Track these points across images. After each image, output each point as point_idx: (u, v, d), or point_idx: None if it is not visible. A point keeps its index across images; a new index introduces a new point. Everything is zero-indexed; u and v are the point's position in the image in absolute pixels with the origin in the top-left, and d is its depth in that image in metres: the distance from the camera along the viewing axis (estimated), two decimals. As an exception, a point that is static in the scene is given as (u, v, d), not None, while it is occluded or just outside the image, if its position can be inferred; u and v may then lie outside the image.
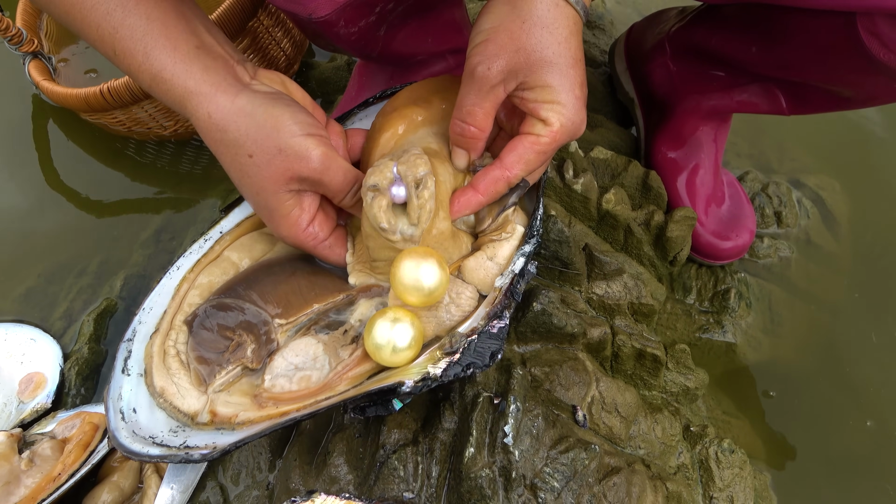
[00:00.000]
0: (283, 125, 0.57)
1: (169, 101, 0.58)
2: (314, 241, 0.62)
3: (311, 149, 0.57)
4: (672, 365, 0.83)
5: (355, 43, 0.74)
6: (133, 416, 0.58)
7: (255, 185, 0.59)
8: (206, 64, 0.57)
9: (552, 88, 0.55)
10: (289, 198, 0.60)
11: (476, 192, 0.60)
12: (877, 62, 0.66)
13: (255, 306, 0.64)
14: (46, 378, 0.86)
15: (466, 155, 0.61)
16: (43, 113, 1.13)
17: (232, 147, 0.57)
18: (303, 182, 0.59)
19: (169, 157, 1.09)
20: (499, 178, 0.59)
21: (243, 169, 0.58)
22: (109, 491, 0.71)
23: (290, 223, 0.61)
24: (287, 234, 0.62)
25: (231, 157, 0.58)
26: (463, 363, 0.54)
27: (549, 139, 0.57)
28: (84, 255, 1.00)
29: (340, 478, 0.65)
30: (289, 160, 0.57)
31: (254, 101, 0.57)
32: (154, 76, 0.57)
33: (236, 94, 0.57)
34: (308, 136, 0.57)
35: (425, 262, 0.56)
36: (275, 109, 0.57)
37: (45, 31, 1.12)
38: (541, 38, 0.54)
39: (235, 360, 0.61)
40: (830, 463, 0.89)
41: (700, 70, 0.90)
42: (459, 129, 0.59)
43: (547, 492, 0.62)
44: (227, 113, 0.57)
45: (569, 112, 0.56)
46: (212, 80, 0.57)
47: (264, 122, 0.57)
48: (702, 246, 0.95)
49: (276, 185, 0.58)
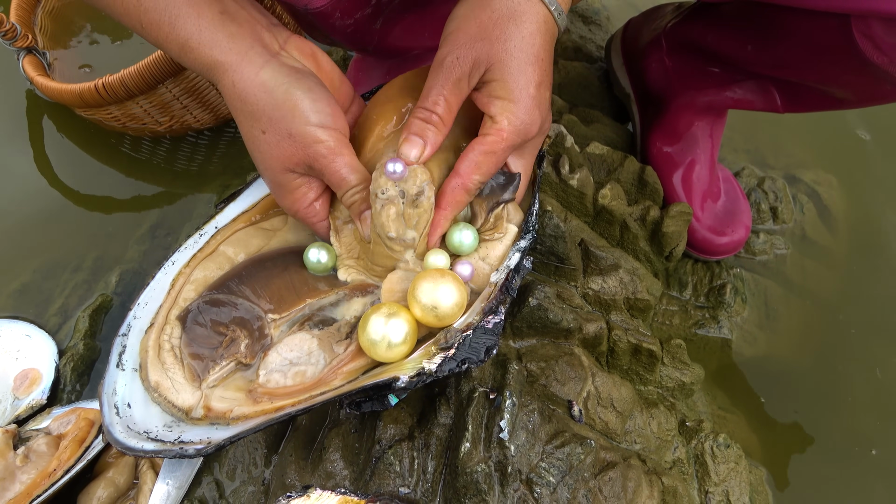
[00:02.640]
0: (300, 110, 0.57)
1: (198, 69, 0.58)
2: (314, 218, 0.63)
3: (319, 141, 0.57)
4: (668, 360, 0.83)
5: (351, 35, 0.74)
6: (128, 410, 0.58)
7: (265, 161, 0.59)
8: (231, 31, 0.57)
9: (505, 84, 0.55)
10: (295, 177, 0.60)
11: (439, 209, 0.59)
12: (870, 64, 0.66)
13: (248, 301, 0.63)
14: (41, 374, 0.86)
15: (422, 145, 0.57)
16: (37, 108, 1.13)
17: (249, 118, 0.58)
18: (308, 169, 0.59)
19: (164, 153, 1.08)
20: (455, 187, 0.58)
21: (256, 143, 0.59)
22: (105, 487, 0.71)
23: (293, 199, 0.62)
24: (289, 208, 0.63)
25: (248, 128, 0.59)
26: (458, 358, 0.54)
27: (496, 138, 0.56)
28: (79, 250, 0.99)
29: (336, 473, 0.65)
30: (296, 146, 0.57)
31: (277, 78, 0.57)
32: (182, 45, 0.57)
33: (261, 67, 0.57)
34: (320, 128, 0.57)
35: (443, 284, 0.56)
36: (296, 91, 0.57)
37: (40, 26, 1.12)
38: (505, 30, 0.54)
39: (229, 356, 0.61)
40: (825, 457, 0.89)
41: (696, 66, 0.90)
42: (423, 116, 0.57)
43: (543, 486, 0.62)
44: (249, 85, 0.57)
45: (519, 111, 0.55)
46: (237, 48, 0.57)
47: (282, 103, 0.57)
48: (697, 241, 0.95)
49: (283, 165, 0.59)
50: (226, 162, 1.07)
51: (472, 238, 0.60)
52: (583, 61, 1.15)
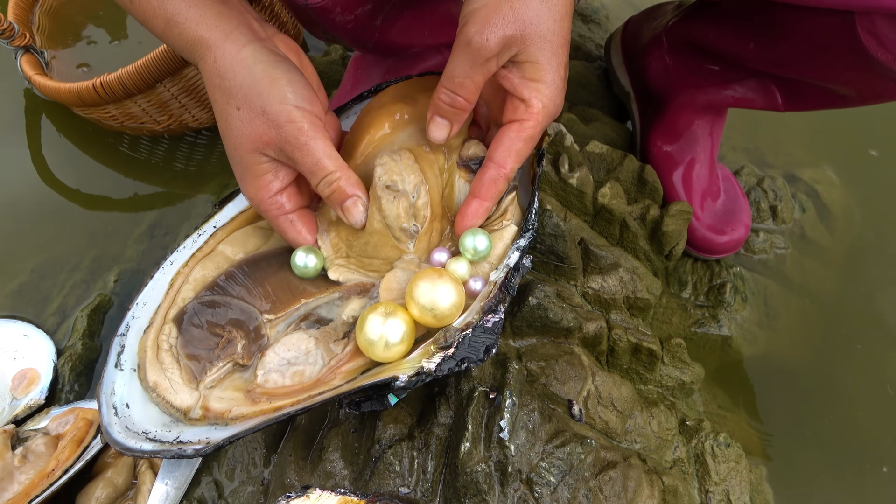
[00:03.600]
0: (277, 89, 0.56)
1: (180, 46, 0.58)
2: (277, 211, 0.61)
3: (292, 121, 0.56)
4: (668, 359, 0.83)
5: (351, 31, 0.74)
6: (126, 411, 0.58)
7: (235, 140, 0.58)
8: (219, 10, 0.57)
9: (540, 66, 0.54)
10: (264, 161, 0.58)
11: (480, 200, 0.59)
12: (874, 61, 0.66)
13: (244, 302, 0.63)
14: (40, 374, 0.86)
15: (448, 126, 0.58)
16: (35, 107, 1.13)
17: (225, 94, 0.57)
18: (279, 152, 0.57)
19: (163, 152, 1.08)
20: (496, 177, 0.58)
21: (229, 120, 0.57)
22: (103, 487, 0.71)
23: (258, 185, 0.60)
24: (252, 196, 0.61)
25: (222, 105, 0.57)
26: (457, 357, 0.54)
27: (533, 122, 0.55)
28: (77, 250, 0.99)
29: (336, 473, 0.64)
30: (268, 124, 0.56)
31: (257, 56, 0.57)
32: (168, 20, 0.56)
33: (244, 45, 0.57)
34: (296, 108, 0.56)
35: (441, 284, 0.56)
36: (275, 71, 0.56)
37: (38, 25, 1.11)
38: (539, 12, 0.52)
39: (226, 357, 0.61)
40: (825, 455, 0.89)
41: (696, 64, 0.90)
42: (449, 99, 0.56)
43: (543, 486, 0.62)
44: (230, 61, 0.56)
45: (550, 92, 0.55)
46: (224, 27, 0.57)
47: (260, 80, 0.56)
48: (697, 240, 0.95)
49: (253, 145, 0.57)
50: (224, 161, 1.07)
51: (486, 243, 0.59)
52: (582, 60, 1.15)
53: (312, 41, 1.22)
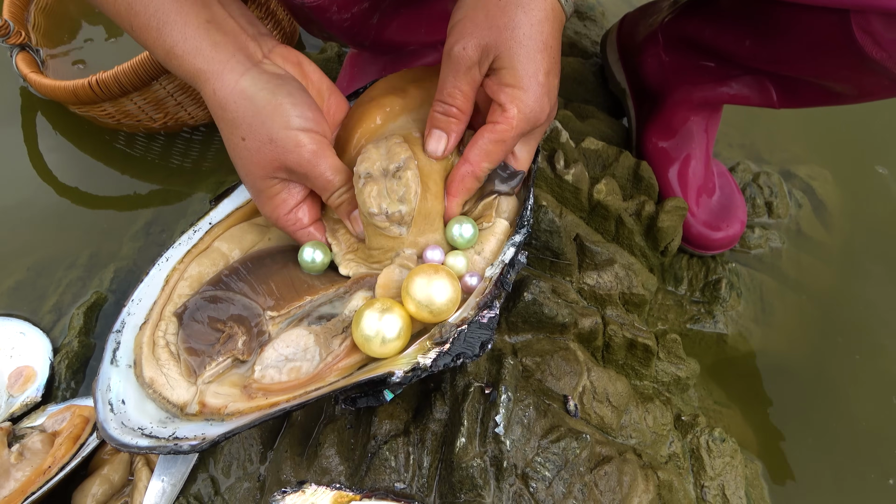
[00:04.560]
0: (280, 115, 0.57)
1: (182, 76, 0.58)
2: (294, 227, 0.63)
3: (301, 144, 0.57)
4: (663, 355, 0.83)
5: (348, 29, 0.74)
6: (122, 407, 0.58)
7: (245, 167, 0.59)
8: (215, 40, 0.57)
9: (515, 71, 0.55)
10: (275, 182, 0.60)
11: (450, 197, 0.60)
12: (869, 60, 0.66)
13: (247, 298, 0.63)
14: (36, 372, 0.86)
15: (444, 137, 0.60)
16: (31, 106, 1.13)
17: (229, 125, 0.58)
18: (291, 174, 0.59)
19: (159, 149, 1.08)
20: (465, 174, 0.59)
21: (236, 150, 0.59)
22: (100, 484, 0.71)
23: (274, 205, 0.61)
24: (270, 215, 0.62)
25: (228, 135, 0.59)
26: (453, 353, 0.54)
27: (506, 126, 0.56)
28: (73, 248, 0.99)
29: (332, 469, 0.65)
30: (278, 150, 0.57)
31: (257, 84, 0.57)
32: (167, 52, 0.57)
33: (242, 74, 0.57)
34: (302, 131, 0.57)
35: (438, 280, 0.56)
36: (276, 97, 0.57)
37: (33, 23, 1.11)
38: (514, 17, 0.54)
39: (226, 352, 0.61)
40: (820, 451, 0.90)
41: (692, 61, 0.90)
42: (441, 109, 0.59)
43: (538, 481, 0.62)
44: (229, 93, 0.57)
45: (528, 98, 0.55)
46: (220, 57, 0.57)
47: (262, 108, 0.57)
48: (693, 236, 0.95)
49: (264, 171, 0.59)
50: (221, 158, 1.07)
51: (471, 231, 0.61)
52: (578, 57, 1.15)
53: (308, 39, 1.22)
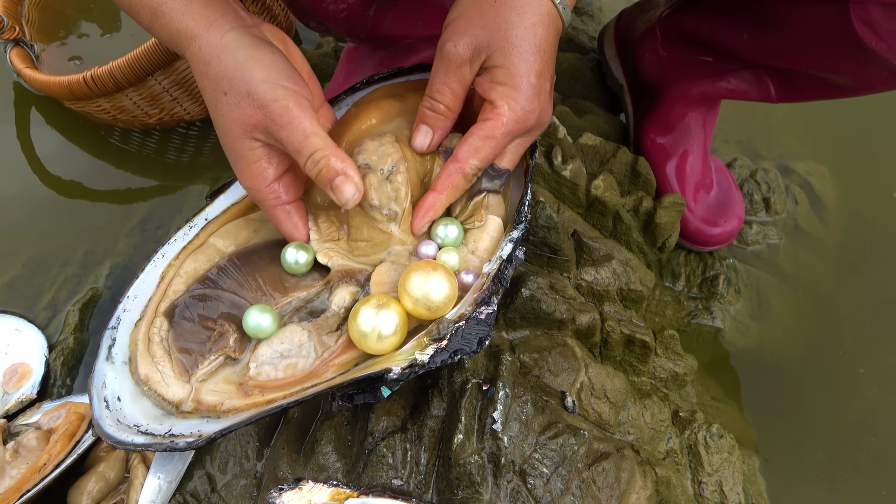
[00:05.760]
0: (261, 69, 0.55)
1: (164, 35, 0.58)
2: (274, 201, 0.60)
3: (276, 99, 0.55)
4: (661, 351, 0.83)
5: (344, 20, 0.74)
6: (117, 404, 0.58)
7: (225, 126, 0.57)
8: (205, 0, 0.57)
9: (507, 70, 0.55)
10: (256, 146, 0.58)
11: (436, 193, 0.59)
12: (868, 51, 0.66)
13: (236, 295, 0.63)
14: (31, 369, 0.85)
15: (430, 133, 0.60)
16: (25, 101, 1.12)
17: (212, 82, 0.57)
18: (266, 134, 0.57)
19: (154, 145, 1.07)
20: (453, 171, 0.58)
21: (218, 107, 0.57)
22: (96, 481, 0.71)
23: (253, 173, 0.59)
24: (249, 185, 0.60)
25: (210, 93, 0.57)
26: (450, 349, 0.53)
27: (496, 123, 0.56)
28: (69, 244, 0.99)
29: (329, 466, 0.64)
30: (254, 105, 0.55)
31: (240, 40, 0.56)
32: (154, 10, 0.56)
33: (227, 32, 0.57)
34: (280, 87, 0.55)
35: (435, 275, 0.56)
36: (257, 52, 0.56)
37: (27, 18, 1.11)
38: (508, 18, 0.54)
39: (218, 350, 0.60)
40: (818, 447, 0.90)
41: (690, 56, 0.90)
42: (428, 105, 0.59)
43: (536, 477, 0.62)
44: (213, 47, 0.56)
45: (520, 98, 0.55)
46: (208, 16, 0.57)
47: (243, 62, 0.56)
48: (690, 232, 0.95)
49: (242, 129, 0.57)
50: (216, 154, 1.06)
51: (456, 232, 0.61)
52: (575, 52, 1.15)
53: (305, 34, 1.21)
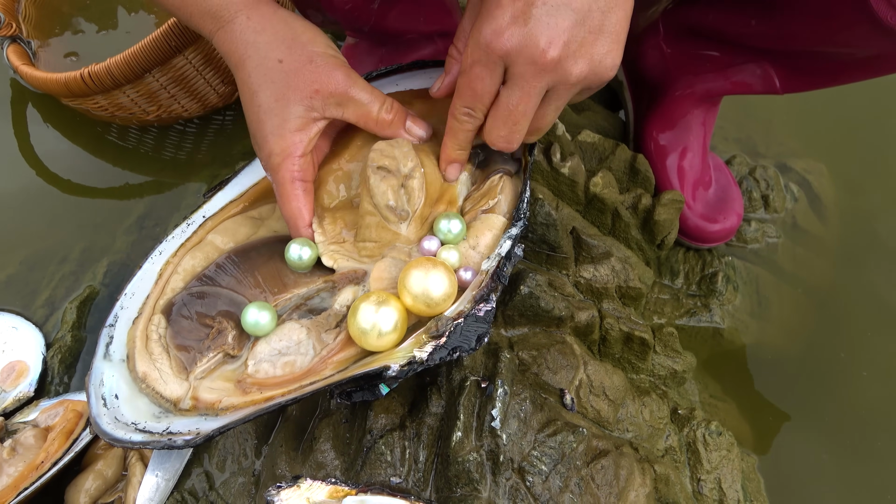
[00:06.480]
0: (320, 41, 0.59)
1: (202, 10, 0.58)
2: (296, 173, 0.61)
3: (339, 67, 0.58)
4: (660, 348, 0.83)
5: (348, 13, 0.74)
6: (115, 402, 0.58)
7: (278, 92, 0.58)
8: None
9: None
10: (306, 114, 0.59)
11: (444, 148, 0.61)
12: (883, 26, 0.62)
13: (234, 292, 0.63)
14: (29, 366, 0.85)
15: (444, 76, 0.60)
16: (22, 98, 1.12)
17: (263, 49, 0.58)
18: (327, 100, 0.58)
19: (152, 142, 1.07)
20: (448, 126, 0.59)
21: (269, 74, 0.58)
22: (93, 479, 0.71)
23: (291, 140, 0.59)
24: (281, 150, 0.60)
25: (258, 60, 0.58)
26: (449, 347, 0.53)
27: (462, 55, 0.54)
28: (66, 242, 0.98)
29: (327, 463, 0.64)
30: (317, 72, 0.57)
31: (293, 16, 0.59)
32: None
33: (277, 8, 0.59)
34: (337, 57, 0.59)
35: (434, 272, 0.56)
36: (312, 28, 0.59)
37: (24, 14, 1.10)
38: None
39: (216, 347, 0.60)
40: (816, 444, 0.90)
41: (694, 51, 0.90)
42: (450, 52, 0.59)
43: (535, 475, 0.62)
44: (268, 17, 0.58)
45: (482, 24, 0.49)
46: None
47: (302, 33, 0.58)
48: (689, 229, 0.95)
49: (300, 95, 0.58)
50: (214, 151, 1.06)
51: (459, 227, 0.61)
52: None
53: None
